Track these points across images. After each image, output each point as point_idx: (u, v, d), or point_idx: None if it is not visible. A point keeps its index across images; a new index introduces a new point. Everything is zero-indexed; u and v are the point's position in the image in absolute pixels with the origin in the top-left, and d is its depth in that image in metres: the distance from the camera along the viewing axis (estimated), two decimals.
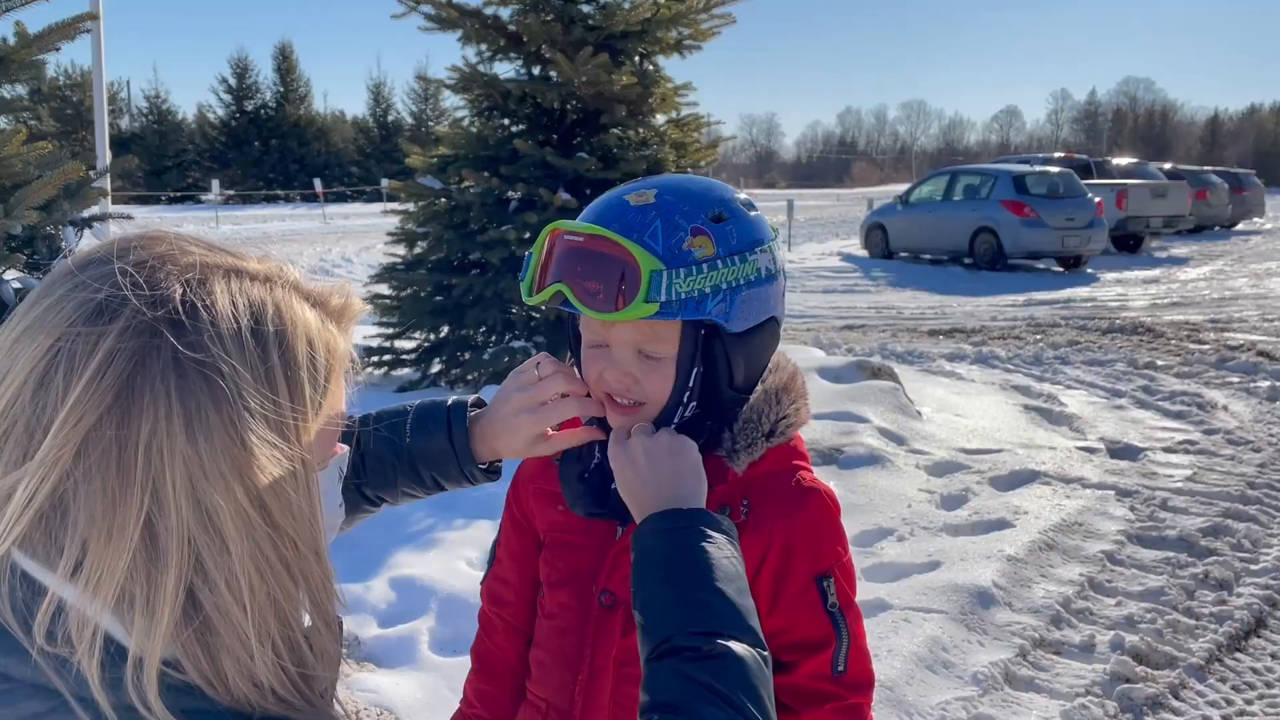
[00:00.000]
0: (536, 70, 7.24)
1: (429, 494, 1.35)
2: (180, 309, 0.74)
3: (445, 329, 7.23)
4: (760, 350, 1.27)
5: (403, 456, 1.30)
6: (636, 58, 7.17)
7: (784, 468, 1.31)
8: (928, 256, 19.20)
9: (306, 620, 0.80)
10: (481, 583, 1.52)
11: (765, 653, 1.03)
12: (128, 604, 0.72)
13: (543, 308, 1.53)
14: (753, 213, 1.25)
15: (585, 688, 1.31)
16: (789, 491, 1.29)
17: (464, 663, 3.72)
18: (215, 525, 0.73)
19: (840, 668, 1.23)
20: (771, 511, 1.26)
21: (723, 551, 1.09)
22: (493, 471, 1.34)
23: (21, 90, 4.57)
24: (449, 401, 1.32)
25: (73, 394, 0.70)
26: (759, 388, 1.31)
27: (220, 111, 51.94)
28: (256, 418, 0.74)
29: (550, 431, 1.30)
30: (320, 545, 0.82)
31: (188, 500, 0.72)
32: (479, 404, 1.33)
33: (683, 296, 1.15)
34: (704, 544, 1.08)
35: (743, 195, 1.28)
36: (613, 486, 1.27)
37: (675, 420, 1.24)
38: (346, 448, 0.96)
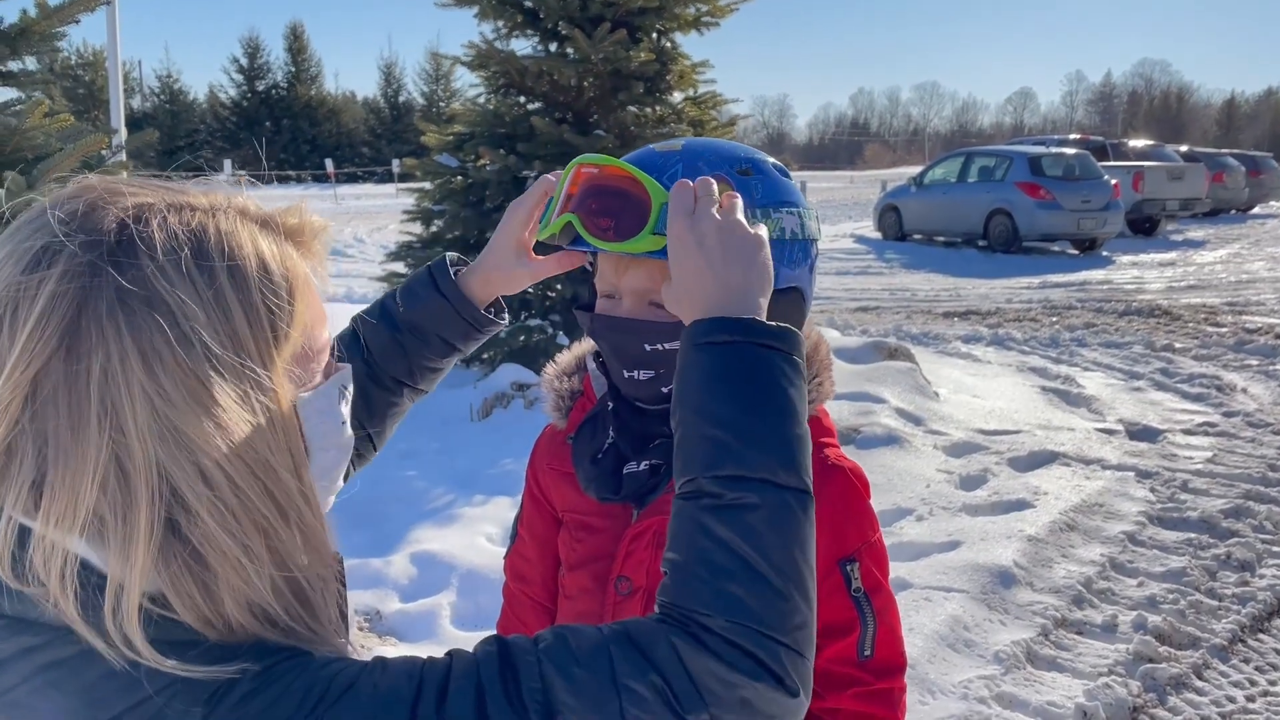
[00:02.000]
0: (553, 47, 7.19)
1: (446, 361, 1.31)
2: (118, 247, 0.74)
3: None
4: (780, 318, 1.21)
5: (402, 328, 1.27)
6: (654, 34, 7.12)
7: None
8: (942, 239, 19.08)
9: (303, 556, 0.80)
10: (505, 557, 1.50)
11: (807, 495, 0.88)
12: (101, 537, 0.72)
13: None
14: (786, 178, 1.21)
15: None
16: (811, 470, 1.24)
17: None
18: (188, 455, 0.72)
19: (867, 652, 1.19)
20: None
21: (773, 372, 0.91)
22: (498, 313, 1.30)
23: (34, 65, 4.55)
24: (427, 265, 1.31)
25: (19, 342, 0.71)
26: None
27: (232, 92, 51.99)
28: (212, 345, 0.74)
29: (533, 256, 1.27)
30: (301, 471, 0.80)
31: (152, 433, 0.72)
32: (461, 264, 1.31)
33: None
34: (754, 362, 0.91)
35: (776, 161, 1.23)
36: (625, 470, 1.24)
37: (668, 389, 1.16)
38: (347, 366, 0.94)
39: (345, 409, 0.92)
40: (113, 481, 0.72)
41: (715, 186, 1.01)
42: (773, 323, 0.93)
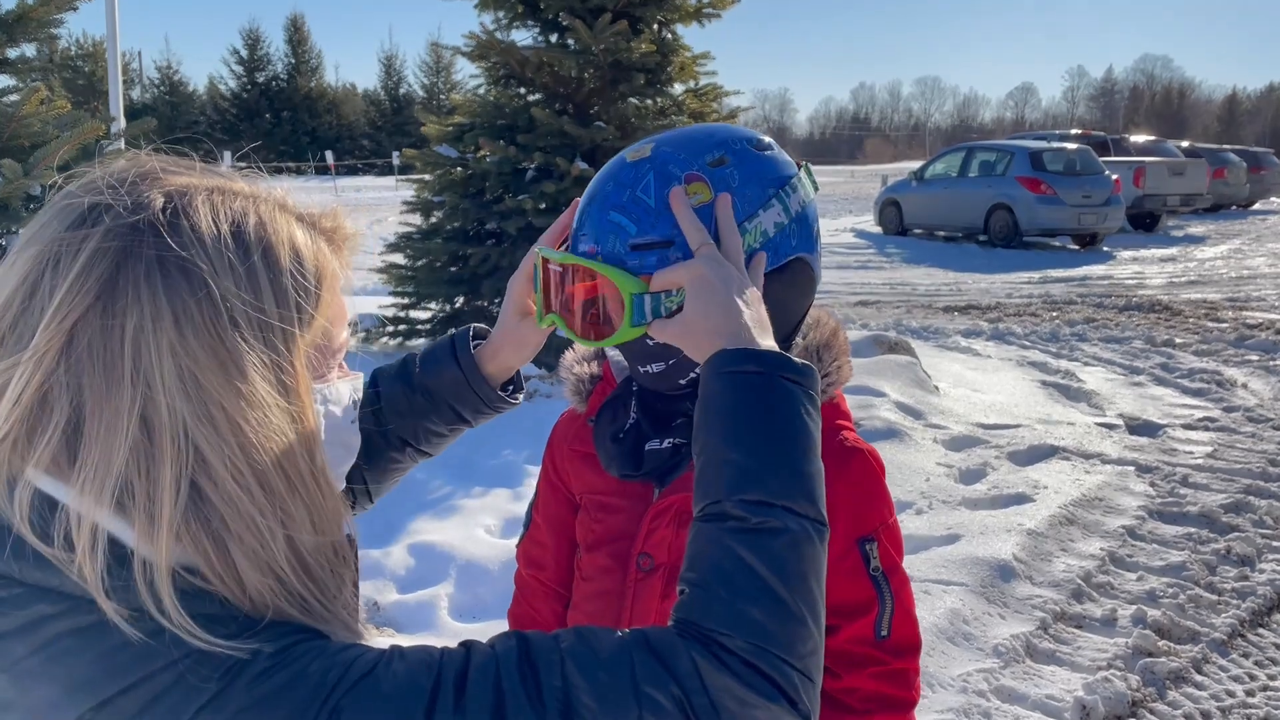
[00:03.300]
0: (554, 38, 7.17)
1: (454, 430, 1.32)
2: (162, 214, 0.78)
3: (461, 299, 7.21)
4: (787, 293, 1.17)
5: (417, 390, 1.29)
6: (655, 25, 7.10)
7: (825, 428, 1.23)
8: (942, 233, 19.07)
9: (310, 532, 0.81)
10: (517, 545, 1.49)
11: (823, 526, 0.91)
12: (129, 498, 0.74)
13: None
14: (765, 151, 1.18)
15: None
16: (830, 453, 1.19)
17: (483, 629, 3.72)
18: (210, 416, 0.75)
19: (884, 632, 1.20)
20: None
21: (796, 406, 0.95)
22: (514, 392, 1.31)
23: (32, 53, 4.54)
24: (451, 332, 1.34)
25: (58, 294, 0.74)
26: (799, 342, 1.27)
27: (232, 83, 51.91)
28: (240, 317, 0.77)
29: (531, 306, 1.27)
30: (313, 450, 0.83)
31: (180, 392, 0.74)
32: (482, 335, 1.32)
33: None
34: (778, 394, 0.94)
35: (761, 136, 1.20)
36: (647, 448, 1.24)
37: (684, 379, 1.17)
38: (360, 374, 0.98)
39: (354, 411, 0.96)
40: (141, 438, 0.74)
41: (727, 215, 1.08)
42: (797, 359, 0.97)
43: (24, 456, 0.75)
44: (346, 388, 0.94)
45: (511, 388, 1.32)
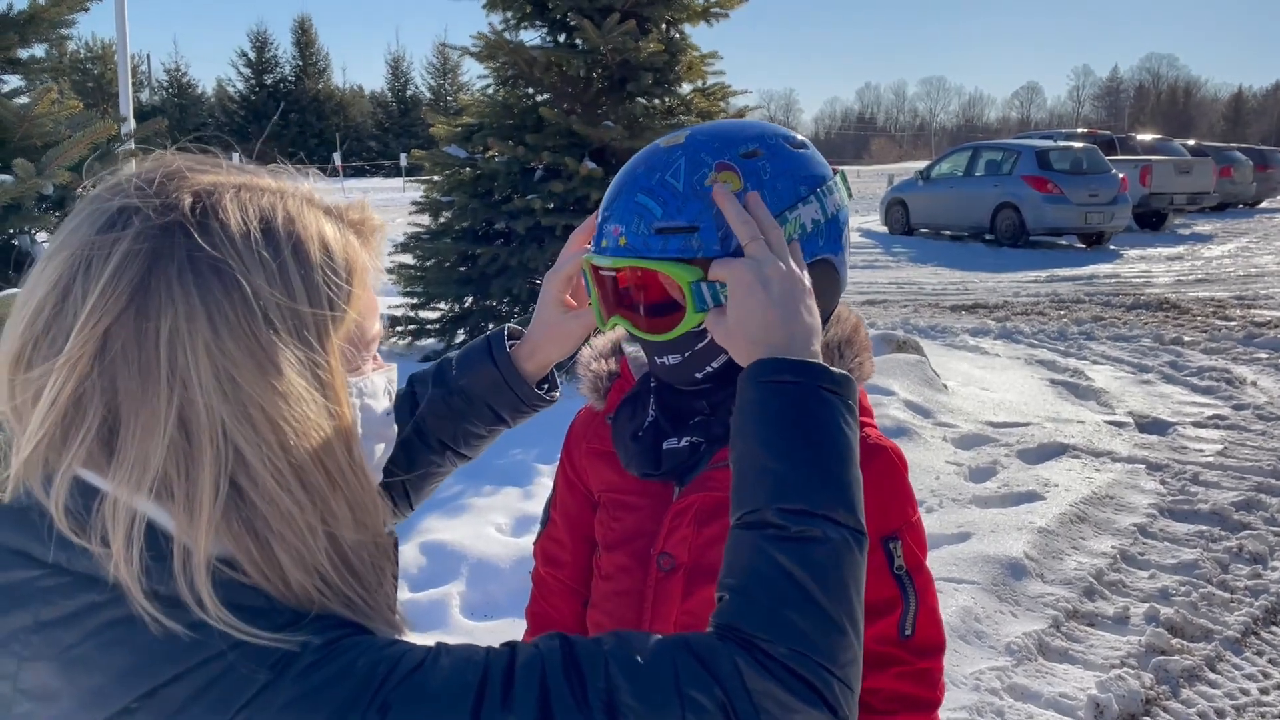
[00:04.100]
0: (562, 38, 7.17)
1: (493, 431, 1.33)
2: (191, 214, 0.78)
3: (470, 299, 7.21)
4: (814, 292, 1.18)
5: (454, 392, 1.29)
6: (663, 25, 7.10)
7: None
8: (948, 232, 19.04)
9: (351, 527, 0.82)
10: (535, 543, 1.49)
11: (863, 536, 0.91)
12: (168, 494, 0.74)
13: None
14: (801, 150, 1.17)
15: None
16: None
17: (495, 627, 3.72)
18: (248, 415, 0.75)
19: (908, 631, 1.19)
20: None
21: (837, 418, 0.95)
22: (549, 390, 1.32)
23: (42, 53, 4.55)
24: (486, 333, 1.34)
25: (91, 298, 0.74)
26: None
27: (240, 85, 52.02)
28: (273, 314, 0.78)
29: (571, 300, 1.30)
30: (351, 445, 0.83)
31: (216, 391, 0.74)
32: (518, 334, 1.33)
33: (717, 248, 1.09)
34: (820, 406, 0.94)
35: (797, 135, 1.20)
36: (664, 446, 1.23)
37: (700, 373, 1.17)
38: (394, 365, 0.97)
39: (389, 403, 0.95)
40: (179, 438, 0.74)
41: (763, 212, 1.06)
42: (836, 370, 0.97)
43: (61, 456, 0.75)
44: (381, 380, 0.93)
45: (547, 386, 1.32)
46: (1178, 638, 3.75)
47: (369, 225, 0.91)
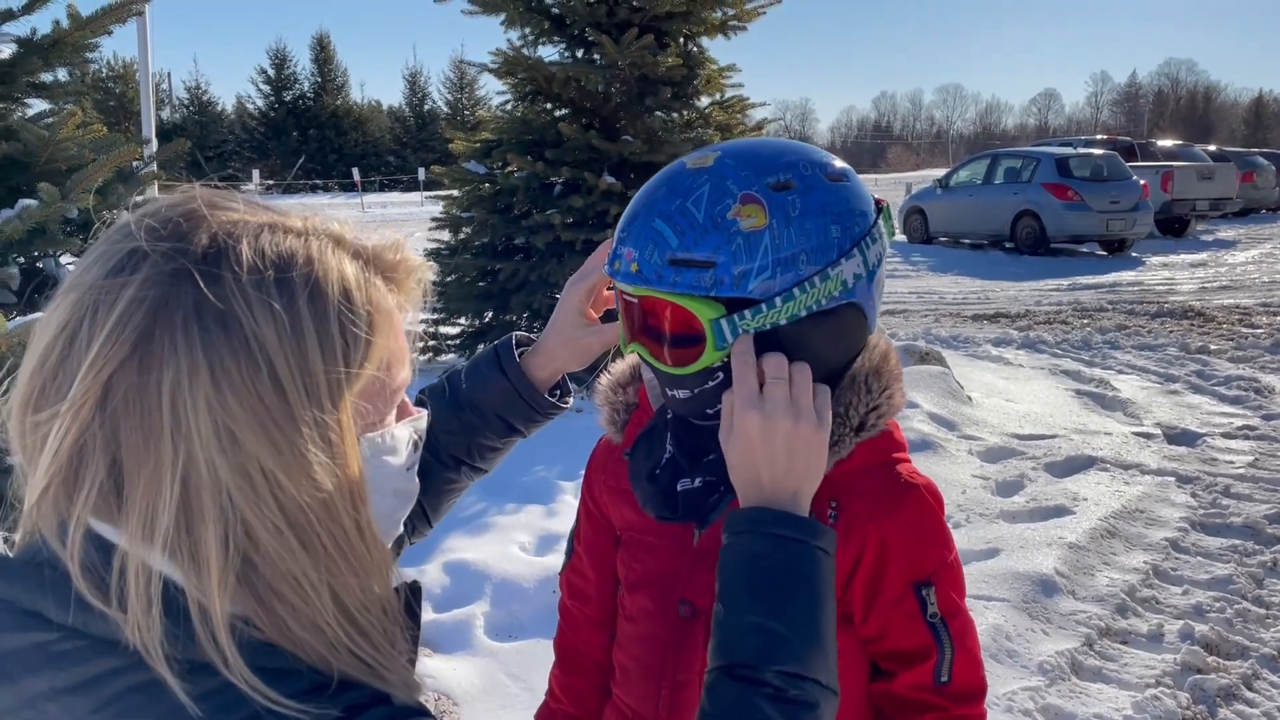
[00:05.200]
0: (580, 53, 7.18)
1: (507, 443, 1.31)
2: (203, 259, 0.73)
3: (490, 314, 7.21)
4: (830, 343, 1.11)
5: (465, 406, 1.27)
6: (681, 39, 7.09)
7: (878, 461, 1.17)
8: (968, 241, 18.94)
9: (356, 589, 0.78)
10: (560, 574, 1.45)
11: (836, 696, 0.97)
12: (180, 551, 0.71)
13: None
14: (839, 183, 1.09)
15: (670, 702, 1.22)
16: (883, 489, 1.15)
17: (520, 648, 3.70)
18: (247, 474, 0.72)
19: (944, 678, 1.13)
20: (863, 513, 1.13)
21: (828, 579, 0.99)
22: (562, 396, 1.31)
23: (64, 76, 4.58)
24: (494, 344, 1.32)
25: (95, 344, 0.71)
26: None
27: (259, 102, 52.40)
28: (281, 371, 0.73)
29: (592, 313, 1.28)
30: (359, 505, 0.79)
31: (217, 449, 0.71)
32: (526, 342, 1.31)
33: (732, 284, 1.04)
34: (815, 567, 0.97)
35: (835, 162, 1.13)
36: (679, 487, 1.18)
37: (711, 410, 1.12)
38: (424, 412, 0.94)
39: (413, 455, 0.91)
40: (184, 500, 0.71)
41: (783, 366, 1.04)
42: (827, 525, 1.01)
43: (71, 506, 0.73)
44: (405, 432, 0.89)
45: (559, 392, 1.30)
46: (1214, 655, 3.69)
47: (404, 267, 0.85)
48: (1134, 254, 17.55)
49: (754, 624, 0.94)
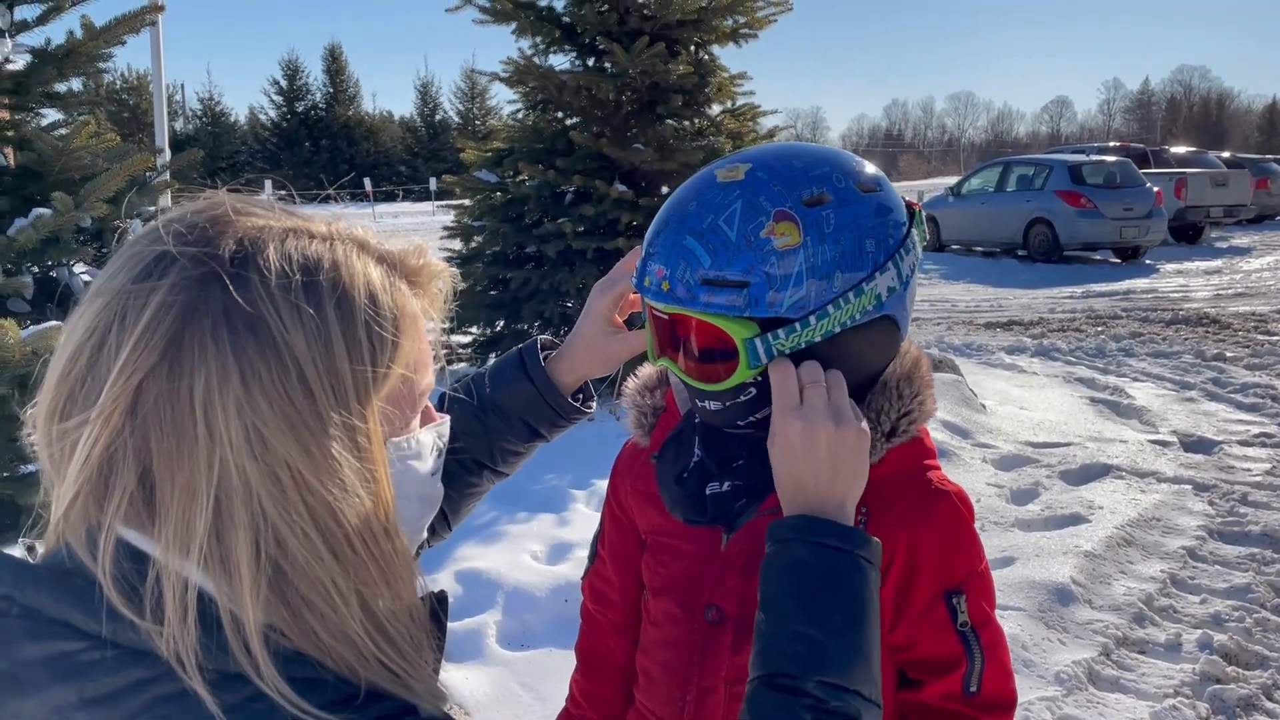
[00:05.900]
0: (591, 62, 7.18)
1: (529, 447, 1.30)
2: (231, 263, 0.73)
3: (501, 323, 7.21)
4: (862, 354, 1.11)
5: (488, 409, 1.26)
6: (692, 47, 7.08)
7: (908, 468, 1.16)
8: (980, 248, 18.89)
9: (384, 594, 0.78)
10: (583, 579, 1.44)
11: (879, 709, 0.95)
12: (210, 562, 0.70)
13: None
14: (873, 191, 1.09)
15: (695, 707, 1.21)
16: (914, 496, 1.14)
17: (532, 657, 3.68)
18: (276, 477, 0.71)
19: (973, 688, 1.11)
20: (893, 520, 1.11)
21: (873, 590, 0.97)
22: (585, 401, 1.30)
23: (78, 86, 4.60)
24: (518, 347, 1.31)
25: (124, 350, 0.70)
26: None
27: (272, 113, 52.67)
28: (310, 374, 0.73)
29: (619, 320, 1.27)
30: (385, 510, 0.78)
31: (247, 453, 0.70)
32: (550, 345, 1.30)
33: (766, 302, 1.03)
34: (861, 577, 0.97)
35: (867, 169, 1.12)
36: (708, 491, 1.17)
37: (742, 421, 1.11)
38: (447, 417, 0.93)
39: (437, 460, 0.91)
40: (217, 507, 0.70)
41: (818, 371, 1.04)
42: (873, 537, 0.99)
43: (101, 515, 0.72)
44: (429, 437, 0.89)
45: (582, 397, 1.30)
46: (1233, 665, 3.65)
47: (427, 272, 0.86)
48: (1148, 261, 17.47)
49: (796, 632, 0.93)
